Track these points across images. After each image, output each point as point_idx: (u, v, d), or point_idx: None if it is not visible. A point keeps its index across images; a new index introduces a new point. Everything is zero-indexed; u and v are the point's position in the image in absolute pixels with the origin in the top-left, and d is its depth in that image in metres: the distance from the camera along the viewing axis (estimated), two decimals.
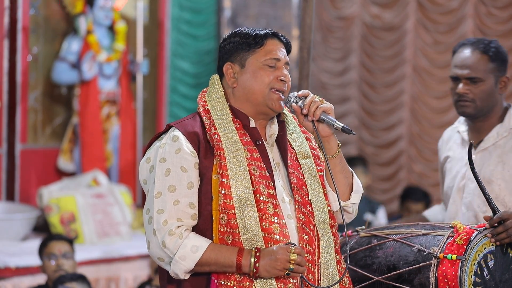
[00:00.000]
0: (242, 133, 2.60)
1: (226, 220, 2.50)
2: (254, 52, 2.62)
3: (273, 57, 2.61)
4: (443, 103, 8.36)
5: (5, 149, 6.78)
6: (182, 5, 8.09)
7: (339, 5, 8.52)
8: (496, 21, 8.20)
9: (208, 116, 2.61)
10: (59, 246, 4.89)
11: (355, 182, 2.75)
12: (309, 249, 2.58)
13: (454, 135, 3.37)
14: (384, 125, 8.56)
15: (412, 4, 8.37)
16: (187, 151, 2.54)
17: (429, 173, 8.39)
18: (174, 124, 2.63)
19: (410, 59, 8.43)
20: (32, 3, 6.91)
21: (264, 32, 2.64)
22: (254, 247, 2.48)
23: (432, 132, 8.39)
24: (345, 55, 8.50)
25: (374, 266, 2.84)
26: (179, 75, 8.16)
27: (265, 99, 2.61)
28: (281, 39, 2.66)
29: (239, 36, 2.65)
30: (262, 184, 2.54)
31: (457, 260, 2.70)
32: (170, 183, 2.51)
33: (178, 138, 2.56)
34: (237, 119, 2.62)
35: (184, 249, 2.47)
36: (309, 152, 2.71)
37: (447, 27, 8.31)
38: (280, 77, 2.61)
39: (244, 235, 2.49)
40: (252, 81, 2.61)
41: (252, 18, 8.28)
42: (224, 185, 2.50)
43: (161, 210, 2.50)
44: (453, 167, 3.29)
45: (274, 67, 2.62)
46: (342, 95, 8.53)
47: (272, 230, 2.50)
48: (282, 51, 2.65)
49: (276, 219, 2.52)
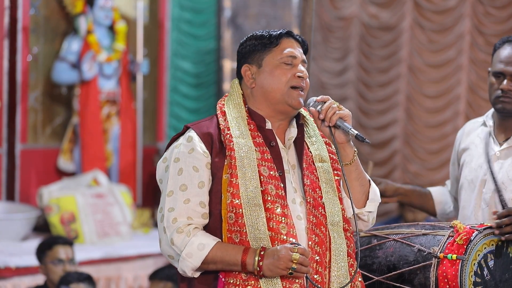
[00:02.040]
0: (255, 134, 2.62)
1: (234, 219, 2.52)
2: (270, 51, 2.64)
3: (289, 55, 2.63)
4: (438, 103, 8.36)
5: (5, 149, 6.78)
6: (182, 5, 8.09)
7: (339, 5, 8.52)
8: (493, 21, 8.20)
9: (224, 117, 2.64)
10: (66, 251, 4.84)
11: (372, 190, 2.74)
12: (318, 250, 2.58)
13: (478, 129, 3.35)
14: (379, 124, 8.56)
15: (409, 4, 8.37)
16: (199, 151, 2.57)
17: (423, 172, 8.39)
18: (191, 125, 2.66)
19: (406, 58, 8.42)
20: (32, 3, 6.91)
21: (279, 32, 2.67)
22: (263, 245, 2.49)
23: (427, 132, 8.38)
24: (344, 55, 8.50)
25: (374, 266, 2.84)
26: (179, 75, 8.16)
27: (284, 97, 2.62)
28: (296, 38, 2.69)
29: (254, 38, 2.67)
30: (271, 185, 2.55)
31: (458, 260, 2.69)
32: (182, 182, 2.55)
33: (192, 138, 2.59)
34: (253, 121, 2.64)
35: (191, 247, 2.50)
36: (326, 157, 2.72)
37: (444, 26, 8.31)
38: (297, 73, 2.63)
39: (251, 234, 2.50)
40: (270, 80, 2.63)
41: (252, 18, 8.29)
42: (233, 184, 2.53)
43: (172, 209, 2.54)
44: (473, 160, 3.27)
45: (291, 64, 2.63)
46: (340, 95, 8.53)
47: (279, 230, 2.51)
48: (298, 49, 2.67)
49: (283, 219, 2.53)
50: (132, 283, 6.21)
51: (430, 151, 8.39)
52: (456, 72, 8.31)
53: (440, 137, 8.35)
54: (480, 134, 3.32)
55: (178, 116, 8.19)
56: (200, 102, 8.35)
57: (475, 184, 3.23)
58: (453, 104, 8.33)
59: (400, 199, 3.39)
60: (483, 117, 3.36)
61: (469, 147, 3.33)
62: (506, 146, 3.22)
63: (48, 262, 4.82)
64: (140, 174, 7.62)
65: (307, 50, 2.72)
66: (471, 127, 3.39)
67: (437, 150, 8.34)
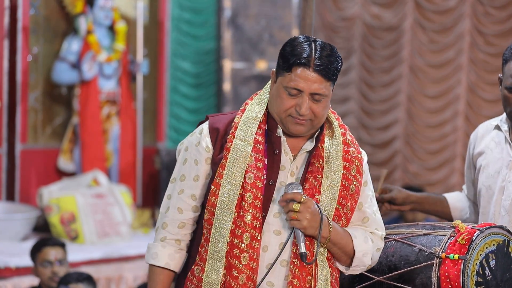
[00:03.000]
0: (259, 140, 2.57)
1: (208, 216, 2.55)
2: (283, 73, 2.54)
3: (294, 87, 2.51)
4: (438, 103, 8.37)
5: (5, 149, 6.78)
6: (182, 5, 8.09)
7: (342, 6, 8.52)
8: (493, 21, 8.20)
9: (240, 115, 2.62)
10: (55, 253, 4.83)
11: (356, 260, 2.64)
12: (296, 273, 2.54)
13: (492, 132, 3.26)
14: (380, 124, 8.56)
15: (410, 4, 8.37)
16: (203, 145, 2.60)
17: (423, 172, 8.40)
18: (210, 116, 2.67)
19: (407, 58, 8.43)
20: (32, 3, 6.91)
21: (296, 59, 2.50)
22: (218, 247, 2.51)
23: (427, 132, 8.39)
24: (347, 55, 8.50)
25: (375, 266, 2.83)
26: (179, 75, 8.16)
27: (282, 121, 2.57)
28: (315, 68, 2.49)
29: (290, 46, 2.54)
30: (250, 193, 2.52)
31: (460, 260, 2.69)
32: (182, 172, 2.62)
33: (202, 131, 2.62)
34: (266, 124, 2.60)
35: (152, 248, 2.64)
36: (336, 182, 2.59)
37: (444, 26, 8.31)
38: (296, 107, 2.52)
39: (213, 235, 2.53)
40: (274, 100, 2.57)
41: (252, 18, 8.28)
42: (216, 183, 2.55)
43: (169, 196, 2.64)
44: (490, 165, 3.21)
45: (295, 96, 2.52)
46: (342, 95, 8.53)
47: (242, 239, 2.51)
48: (310, 82, 2.50)
49: (250, 229, 2.51)
50: (132, 283, 6.21)
51: (429, 151, 8.40)
52: (456, 72, 8.32)
53: (439, 137, 8.36)
54: (495, 138, 3.23)
55: (178, 116, 8.19)
56: (200, 102, 8.35)
57: (493, 191, 3.15)
58: (453, 104, 8.34)
59: (413, 207, 3.30)
60: (496, 120, 3.26)
61: (484, 151, 3.24)
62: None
63: (38, 264, 4.82)
64: (140, 174, 7.62)
65: (333, 77, 2.52)
66: (484, 130, 3.30)
67: (437, 150, 8.35)
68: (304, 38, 2.56)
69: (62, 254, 4.88)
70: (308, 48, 2.50)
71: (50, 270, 4.77)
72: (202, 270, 2.54)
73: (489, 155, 3.22)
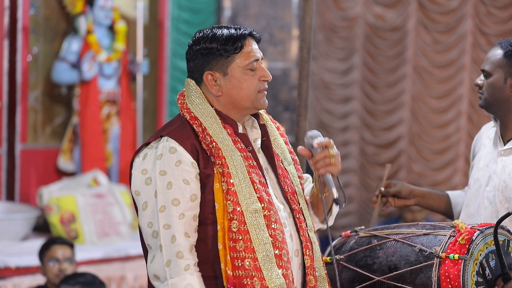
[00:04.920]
0: (236, 140, 2.56)
1: (238, 227, 2.46)
2: (234, 58, 2.54)
3: (254, 59, 2.56)
4: (443, 103, 8.36)
5: (5, 149, 6.78)
6: (181, 5, 8.09)
7: (343, 5, 8.51)
8: (495, 21, 8.20)
9: (197, 123, 2.54)
10: (62, 251, 4.89)
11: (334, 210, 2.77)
12: (310, 254, 2.61)
13: (490, 130, 3.34)
14: (385, 125, 8.56)
15: (413, 4, 8.37)
16: (187, 162, 2.49)
17: (428, 173, 8.39)
18: (166, 134, 2.52)
19: (411, 59, 8.43)
20: (32, 3, 6.91)
21: (240, 34, 2.56)
22: (265, 251, 2.46)
23: (432, 132, 8.39)
24: (349, 55, 8.50)
25: (375, 266, 2.84)
26: (179, 75, 8.16)
27: (252, 103, 2.57)
28: (254, 35, 2.59)
29: (216, 41, 2.54)
30: (263, 192, 2.53)
31: (460, 259, 2.69)
32: (173, 197, 2.47)
33: (176, 149, 2.49)
34: (227, 125, 2.57)
35: (181, 281, 2.44)
36: (289, 158, 2.70)
37: (447, 26, 8.32)
38: (262, 77, 2.57)
39: (256, 240, 2.46)
40: (239, 89, 2.55)
41: (252, 18, 8.28)
42: (231, 192, 2.47)
43: (168, 225, 2.46)
44: (481, 159, 3.28)
45: (255, 70, 2.56)
46: (345, 95, 8.53)
47: (276, 236, 2.50)
48: (257, 48, 2.59)
49: (277, 226, 2.52)
50: (133, 283, 6.21)
51: (434, 151, 8.40)
52: (459, 73, 8.32)
53: (443, 138, 8.36)
54: (491, 134, 3.32)
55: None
56: None
57: (480, 183, 3.22)
58: (456, 104, 8.34)
59: (417, 201, 3.35)
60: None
61: (480, 149, 3.32)
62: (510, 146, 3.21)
63: (46, 261, 4.87)
64: None
65: (260, 39, 2.64)
66: (483, 130, 3.39)
67: (440, 150, 8.34)
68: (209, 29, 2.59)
69: (70, 253, 4.92)
70: (227, 29, 2.56)
71: (58, 267, 4.82)
72: (260, 279, 2.44)
73: (482, 151, 3.28)
